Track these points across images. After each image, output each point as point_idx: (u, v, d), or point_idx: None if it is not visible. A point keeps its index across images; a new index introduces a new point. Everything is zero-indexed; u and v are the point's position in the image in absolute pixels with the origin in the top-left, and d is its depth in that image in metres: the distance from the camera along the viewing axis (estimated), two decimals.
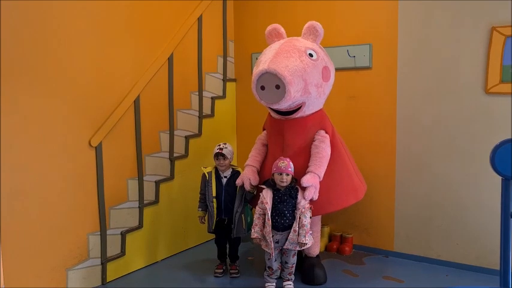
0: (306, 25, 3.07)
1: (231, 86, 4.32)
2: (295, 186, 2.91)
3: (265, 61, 2.87)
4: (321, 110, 3.15)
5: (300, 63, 2.84)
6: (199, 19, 3.89)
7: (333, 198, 3.02)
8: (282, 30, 3.15)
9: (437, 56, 3.31)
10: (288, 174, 2.88)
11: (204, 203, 3.32)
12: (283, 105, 2.89)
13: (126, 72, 3.33)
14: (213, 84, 4.14)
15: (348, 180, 3.11)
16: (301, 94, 2.87)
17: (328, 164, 3.00)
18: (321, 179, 2.92)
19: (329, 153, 3.00)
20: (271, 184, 2.95)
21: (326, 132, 3.06)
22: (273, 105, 2.90)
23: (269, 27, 3.17)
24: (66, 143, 2.96)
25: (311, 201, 2.92)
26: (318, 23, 3.04)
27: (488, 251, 3.21)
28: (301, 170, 2.95)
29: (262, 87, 2.86)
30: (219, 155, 3.23)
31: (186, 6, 3.78)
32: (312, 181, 2.88)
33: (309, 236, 2.88)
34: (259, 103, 3.78)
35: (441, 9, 3.26)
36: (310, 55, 2.93)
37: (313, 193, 2.87)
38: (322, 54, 3.03)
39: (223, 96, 4.23)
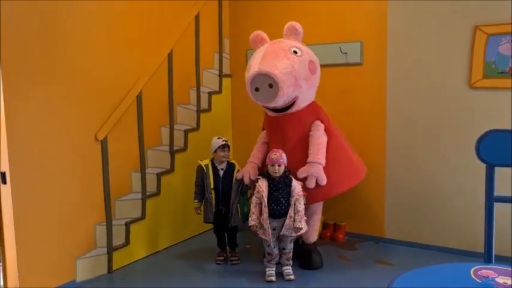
0: (286, 26, 3.27)
1: (226, 82, 4.47)
2: (288, 176, 3.08)
3: (255, 64, 3.08)
4: (314, 101, 3.34)
5: (287, 61, 3.04)
6: (197, 17, 4.02)
7: (336, 183, 3.18)
8: (264, 35, 3.34)
9: (424, 53, 3.50)
10: (280, 165, 3.04)
11: (200, 195, 3.43)
12: (279, 102, 3.07)
13: (129, 69, 3.46)
14: (209, 79, 4.28)
15: (349, 164, 3.30)
16: (293, 89, 3.06)
17: (328, 151, 3.18)
18: (323, 164, 3.09)
19: (325, 140, 3.18)
20: (266, 175, 3.11)
21: (321, 122, 3.25)
22: (270, 103, 3.08)
23: (252, 35, 3.35)
24: (74, 137, 3.07)
25: (318, 186, 3.07)
26: (297, 23, 3.24)
27: (472, 235, 3.41)
28: (302, 160, 3.13)
29: (257, 89, 3.06)
30: (225, 146, 3.38)
31: (183, 6, 3.91)
32: (306, 170, 3.06)
33: (304, 221, 3.05)
34: None
35: (428, 9, 3.45)
36: (295, 52, 3.12)
37: (313, 181, 3.05)
38: (306, 50, 3.22)
39: (220, 91, 4.38)
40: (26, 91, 2.78)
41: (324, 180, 3.08)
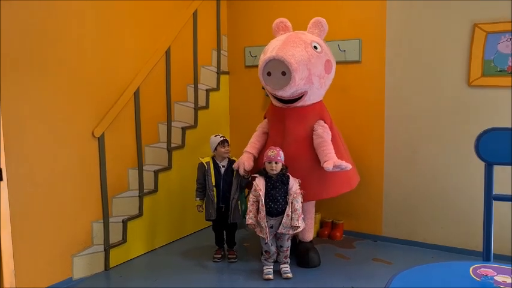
0: (312, 20, 3.24)
1: (224, 79, 4.45)
2: (286, 174, 3.07)
3: (272, 49, 3.03)
4: (320, 101, 3.32)
5: (305, 54, 3.01)
6: (194, 14, 4.00)
7: (328, 186, 3.18)
8: (289, 23, 3.31)
9: (423, 51, 3.49)
10: (277, 163, 3.03)
11: (201, 192, 3.42)
12: (288, 92, 3.04)
13: (127, 65, 3.44)
14: (207, 76, 4.27)
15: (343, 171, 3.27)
16: (304, 83, 3.03)
17: None
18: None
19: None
20: (263, 173, 3.10)
21: (325, 122, 3.22)
22: (278, 91, 3.05)
23: (276, 20, 3.32)
24: (71, 134, 3.06)
25: (311, 186, 3.05)
26: (324, 19, 3.21)
27: (470, 233, 3.42)
28: (300, 156, 3.12)
29: (269, 73, 3.02)
30: (225, 142, 3.38)
31: (181, 3, 3.89)
32: (331, 163, 2.95)
33: (301, 219, 3.05)
34: (251, 95, 3.88)
35: (427, 7, 3.44)
36: (315, 47, 3.09)
37: (344, 163, 2.94)
38: (326, 48, 3.20)
39: (217, 89, 4.36)
40: (23, 88, 2.76)
41: (349, 166, 2.97)
